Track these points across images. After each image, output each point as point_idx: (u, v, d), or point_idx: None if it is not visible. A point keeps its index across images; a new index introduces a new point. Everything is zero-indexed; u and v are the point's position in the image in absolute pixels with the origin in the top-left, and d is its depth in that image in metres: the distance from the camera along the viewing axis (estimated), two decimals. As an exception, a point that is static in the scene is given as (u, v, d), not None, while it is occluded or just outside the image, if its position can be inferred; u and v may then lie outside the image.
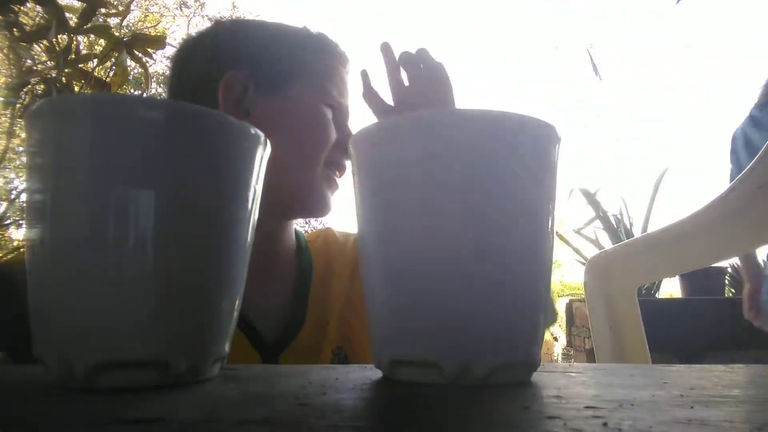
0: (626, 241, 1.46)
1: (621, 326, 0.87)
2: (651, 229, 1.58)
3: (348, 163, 0.80)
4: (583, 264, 1.42)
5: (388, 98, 0.84)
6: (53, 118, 0.34)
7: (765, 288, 1.84)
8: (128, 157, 0.32)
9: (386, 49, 0.85)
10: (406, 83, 0.83)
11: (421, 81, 0.82)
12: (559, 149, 0.38)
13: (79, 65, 1.21)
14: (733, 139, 2.21)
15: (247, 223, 0.38)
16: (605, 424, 0.22)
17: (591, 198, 1.65)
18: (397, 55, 0.84)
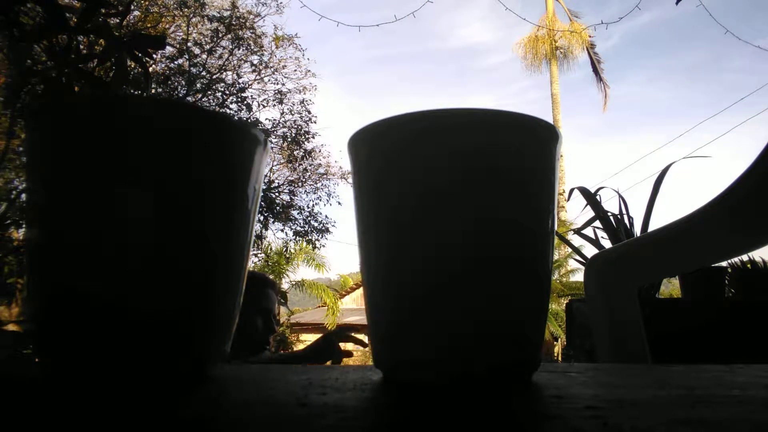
0: (626, 241, 1.46)
1: (621, 326, 0.87)
2: (651, 229, 1.57)
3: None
4: (583, 264, 1.41)
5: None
6: (53, 118, 0.34)
7: None
8: (128, 157, 0.32)
9: None
10: None
11: None
12: (559, 148, 0.38)
13: (79, 65, 1.21)
14: None
15: (248, 222, 0.38)
16: (605, 424, 0.22)
17: (591, 198, 1.65)
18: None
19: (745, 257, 1.81)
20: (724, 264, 1.72)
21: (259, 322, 1.50)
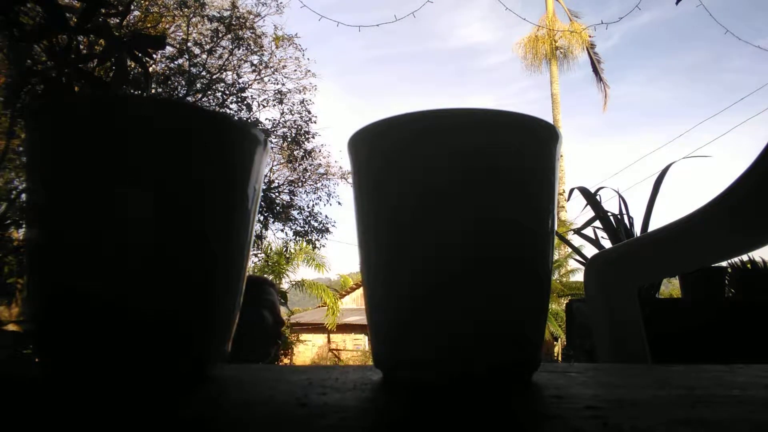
0: (626, 241, 1.46)
1: (621, 326, 0.87)
2: (651, 229, 1.57)
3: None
4: (583, 264, 1.41)
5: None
6: (53, 118, 0.34)
7: None
8: (128, 157, 0.32)
9: None
10: None
11: None
12: (559, 149, 0.38)
13: (79, 65, 1.21)
14: None
15: (248, 223, 0.38)
16: (605, 424, 0.22)
17: (591, 198, 1.65)
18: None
19: (745, 257, 1.81)
20: (724, 264, 1.72)
21: (268, 315, 1.51)
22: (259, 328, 1.36)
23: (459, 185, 0.33)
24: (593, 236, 1.75)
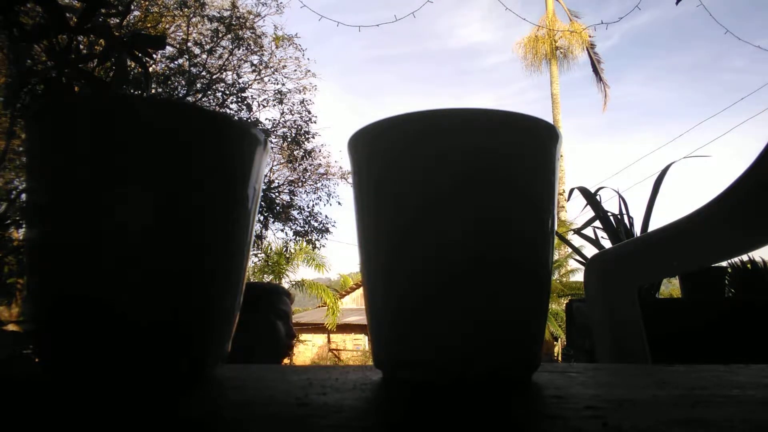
0: (626, 241, 1.46)
1: (621, 326, 0.87)
2: (651, 229, 1.57)
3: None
4: (583, 264, 1.41)
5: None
6: (53, 118, 0.34)
7: None
8: (128, 157, 0.32)
9: None
10: None
11: None
12: (559, 148, 0.38)
13: (79, 65, 1.21)
14: None
15: (248, 223, 0.38)
16: (605, 424, 0.22)
17: (591, 198, 1.65)
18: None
19: (745, 257, 1.81)
20: (724, 264, 1.72)
21: (281, 326, 1.50)
22: (270, 338, 1.35)
23: (459, 185, 0.33)
24: (593, 236, 1.75)
